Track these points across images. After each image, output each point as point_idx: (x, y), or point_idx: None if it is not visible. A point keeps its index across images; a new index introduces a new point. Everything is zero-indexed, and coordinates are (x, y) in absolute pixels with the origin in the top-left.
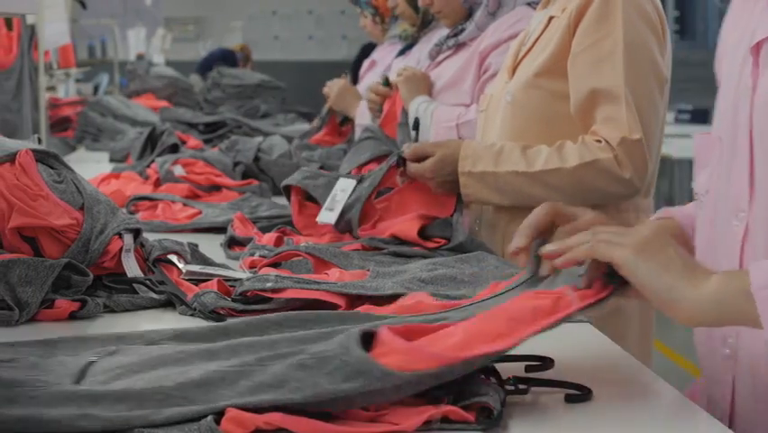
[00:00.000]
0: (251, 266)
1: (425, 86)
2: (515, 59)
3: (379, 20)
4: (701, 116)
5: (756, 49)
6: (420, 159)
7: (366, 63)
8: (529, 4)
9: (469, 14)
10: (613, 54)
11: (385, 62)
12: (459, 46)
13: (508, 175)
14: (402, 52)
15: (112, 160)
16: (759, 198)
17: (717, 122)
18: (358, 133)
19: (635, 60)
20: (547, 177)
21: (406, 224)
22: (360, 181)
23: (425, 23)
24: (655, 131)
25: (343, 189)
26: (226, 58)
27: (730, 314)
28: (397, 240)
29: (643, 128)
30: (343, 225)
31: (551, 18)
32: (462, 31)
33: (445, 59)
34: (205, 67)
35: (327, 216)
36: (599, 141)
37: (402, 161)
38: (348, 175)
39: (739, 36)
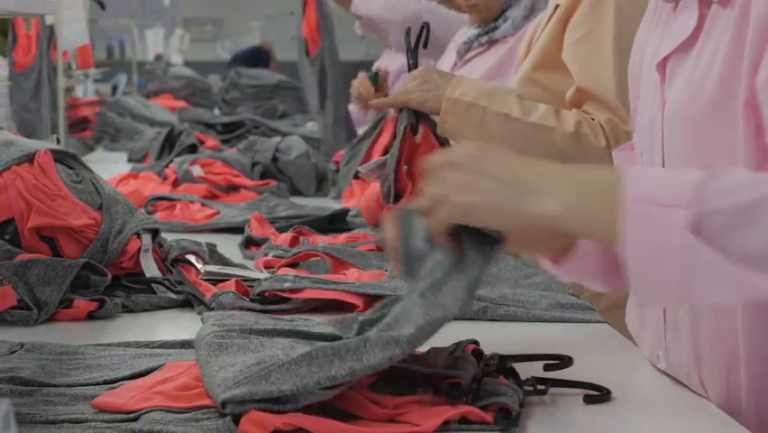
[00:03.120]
0: (266, 266)
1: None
2: (527, 46)
3: None
4: None
5: (662, 64)
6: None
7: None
8: None
9: (500, 13)
10: (602, 48)
11: (391, 68)
12: (492, 42)
13: (498, 116)
14: None
15: (130, 160)
16: None
17: (637, 136)
18: None
19: (626, 54)
20: (538, 132)
21: None
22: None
23: None
24: None
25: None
26: (257, 57)
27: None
28: None
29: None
30: (386, 194)
31: (557, 6)
32: (495, 28)
33: (476, 56)
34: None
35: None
36: (593, 119)
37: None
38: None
39: (653, 50)
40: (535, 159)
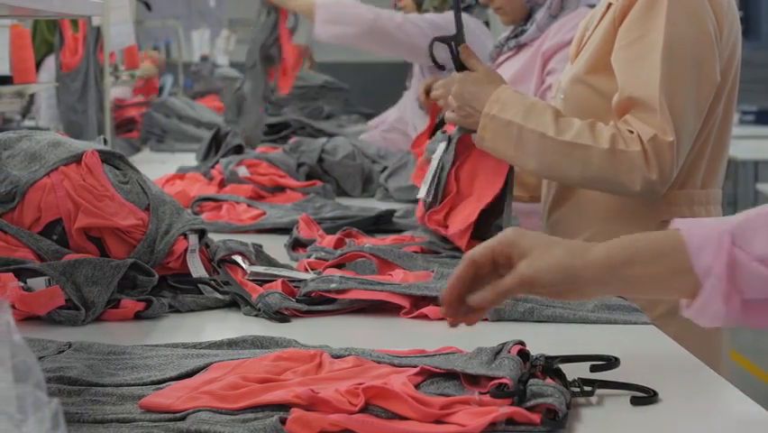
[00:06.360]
0: (311, 268)
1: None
2: (579, 44)
3: None
4: (766, 118)
5: None
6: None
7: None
8: (591, 5)
9: (529, 15)
10: (651, 54)
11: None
12: (519, 47)
13: (534, 134)
14: None
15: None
16: None
17: None
18: None
19: (675, 60)
20: (574, 151)
21: (457, 234)
22: (448, 143)
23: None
24: (691, 132)
25: (436, 156)
26: None
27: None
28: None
29: (676, 131)
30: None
31: (609, 5)
32: (523, 32)
33: (506, 59)
34: None
35: (423, 191)
36: (632, 131)
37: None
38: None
39: None
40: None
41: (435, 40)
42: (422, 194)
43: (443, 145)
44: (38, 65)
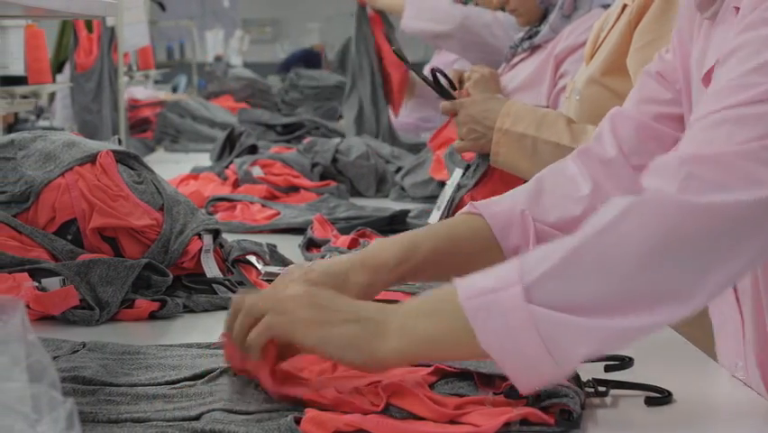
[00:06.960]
0: None
1: (495, 85)
2: (593, 45)
3: None
4: None
5: (707, 78)
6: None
7: (427, 69)
8: (605, 6)
9: (544, 15)
10: None
11: (444, 63)
12: (534, 48)
13: (548, 145)
14: None
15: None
16: None
17: None
18: None
19: None
20: None
21: None
22: (466, 170)
23: None
24: None
25: (451, 183)
26: (309, 58)
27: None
28: None
29: None
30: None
31: (624, 6)
32: (537, 33)
33: (520, 61)
34: (287, 67)
35: (435, 216)
36: None
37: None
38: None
39: (696, 61)
40: None
41: (437, 71)
42: (433, 219)
43: (459, 171)
44: (63, 64)
